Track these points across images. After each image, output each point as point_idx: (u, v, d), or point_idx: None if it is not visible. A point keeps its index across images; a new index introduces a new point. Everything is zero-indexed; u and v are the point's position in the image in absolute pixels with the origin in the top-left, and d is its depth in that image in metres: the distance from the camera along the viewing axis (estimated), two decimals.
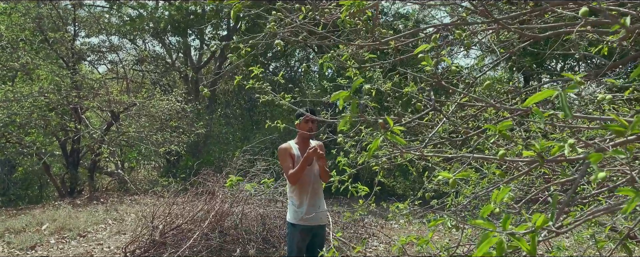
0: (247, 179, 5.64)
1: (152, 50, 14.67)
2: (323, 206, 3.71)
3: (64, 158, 11.26)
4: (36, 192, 13.39)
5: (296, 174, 3.51)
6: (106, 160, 12.59)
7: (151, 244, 5.11)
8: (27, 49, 10.33)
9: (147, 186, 11.24)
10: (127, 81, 11.09)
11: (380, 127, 1.03)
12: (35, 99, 9.42)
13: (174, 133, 10.61)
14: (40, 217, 7.47)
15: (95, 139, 10.15)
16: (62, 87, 9.65)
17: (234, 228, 5.20)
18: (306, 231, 3.58)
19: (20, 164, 11.79)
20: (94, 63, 12.67)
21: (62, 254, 5.64)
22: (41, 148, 10.18)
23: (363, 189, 3.47)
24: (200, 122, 11.33)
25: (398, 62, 2.67)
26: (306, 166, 3.50)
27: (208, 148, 12.74)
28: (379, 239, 6.32)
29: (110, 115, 10.54)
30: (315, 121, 3.70)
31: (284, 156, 3.60)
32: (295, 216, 3.59)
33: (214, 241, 4.93)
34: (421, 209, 3.87)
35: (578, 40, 3.15)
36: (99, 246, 6.01)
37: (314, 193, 3.62)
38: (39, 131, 10.77)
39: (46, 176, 11.65)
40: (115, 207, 8.57)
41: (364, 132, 3.37)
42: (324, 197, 3.86)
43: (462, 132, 3.08)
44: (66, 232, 6.61)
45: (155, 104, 9.89)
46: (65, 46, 10.25)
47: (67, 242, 6.24)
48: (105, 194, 10.61)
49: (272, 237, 5.41)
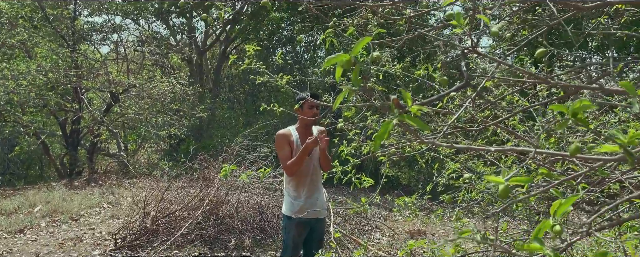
0: (244, 167, 5.37)
1: (156, 32, 14.39)
2: (322, 198, 3.40)
3: (64, 139, 11.06)
4: (38, 172, 13.25)
5: (293, 165, 3.20)
6: (106, 141, 12.42)
7: (142, 231, 4.87)
8: (26, 26, 10.07)
9: (147, 170, 11.02)
10: (127, 62, 10.80)
11: (393, 106, 0.75)
12: (34, 77, 9.17)
13: (175, 116, 10.36)
14: (33, 199, 7.26)
15: (95, 120, 9.93)
16: (60, 66, 9.39)
17: (229, 217, 4.94)
18: (303, 224, 3.27)
19: (19, 143, 11.62)
20: (96, 43, 12.38)
21: (50, 239, 5.42)
22: (38, 128, 9.97)
23: (367, 180, 3.17)
24: (202, 105, 11.06)
25: (407, 42, 2.37)
26: (305, 156, 3.19)
27: (210, 132, 12.50)
28: (382, 231, 6.06)
29: (109, 96, 10.28)
30: (319, 107, 3.38)
31: (282, 143, 3.29)
32: (291, 208, 3.28)
33: (208, 230, 4.68)
34: (430, 203, 3.59)
35: (595, 29, 2.84)
36: (90, 231, 5.78)
37: (312, 184, 3.31)
38: (37, 111, 10.55)
39: (46, 157, 11.49)
40: (112, 191, 8.35)
41: (370, 119, 3.07)
42: (325, 187, 3.57)
43: (479, 121, 2.78)
44: (58, 215, 6.40)
45: (156, 86, 9.62)
46: (65, 24, 9.97)
47: (58, 225, 6.02)
48: (104, 176, 10.40)
49: (270, 227, 5.15)
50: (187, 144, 11.43)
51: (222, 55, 13.89)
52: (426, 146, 2.97)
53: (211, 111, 12.46)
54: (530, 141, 2.83)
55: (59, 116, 10.67)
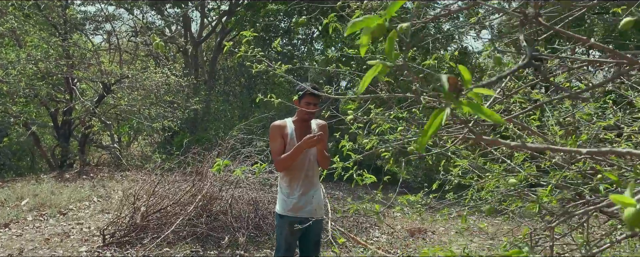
0: (239, 162, 5.16)
1: (150, 23, 14.11)
2: (319, 196, 3.16)
3: (55, 130, 10.82)
4: (29, 163, 12.98)
5: (284, 161, 2.96)
6: (99, 133, 12.17)
7: (132, 227, 4.66)
8: (17, 14, 9.79)
9: (139, 162, 10.79)
10: (120, 52, 10.54)
11: (449, 85, 0.56)
12: (24, 66, 8.91)
13: (168, 108, 10.12)
14: (21, 192, 7.03)
15: (87, 111, 9.69)
16: (51, 55, 9.12)
17: (223, 213, 4.74)
18: (297, 223, 3.04)
19: (9, 134, 11.36)
20: (88, 33, 12.09)
21: (36, 234, 5.21)
22: (29, 118, 9.72)
23: (369, 177, 2.96)
24: (196, 97, 10.83)
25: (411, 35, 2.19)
26: (299, 154, 2.95)
27: (205, 125, 12.27)
28: (381, 229, 5.88)
29: (101, 86, 10.03)
30: (317, 103, 3.13)
31: (275, 134, 3.05)
32: (284, 206, 3.06)
33: (200, 227, 4.48)
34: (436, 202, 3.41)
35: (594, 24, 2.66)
36: (78, 226, 5.57)
37: (307, 180, 3.07)
38: (27, 101, 10.28)
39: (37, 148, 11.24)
40: (103, 184, 8.13)
41: (374, 112, 2.87)
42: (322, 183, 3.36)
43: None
44: (46, 209, 6.18)
45: (149, 77, 9.37)
46: (57, 12, 9.70)
47: (45, 220, 5.80)
48: (96, 169, 10.17)
49: (265, 224, 4.96)
50: (181, 137, 11.20)
51: (218, 47, 13.64)
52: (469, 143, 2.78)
53: (206, 104, 12.22)
54: (544, 137, 2.65)
55: (50, 107, 10.42)
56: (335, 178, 2.70)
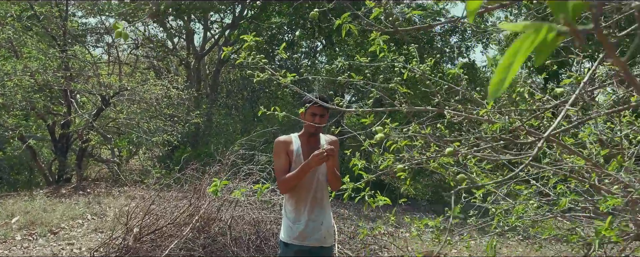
0: (239, 180, 4.85)
1: (152, 35, 13.95)
2: (328, 221, 2.81)
3: (53, 143, 10.54)
4: (27, 178, 12.69)
5: (289, 181, 2.63)
6: (98, 147, 11.89)
7: (124, 249, 4.34)
8: (16, 25, 9.59)
9: (138, 177, 10.49)
10: (120, 65, 10.32)
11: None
12: (20, 78, 8.67)
13: (168, 121, 9.85)
14: (12, 208, 6.73)
15: (85, 124, 9.41)
16: (48, 67, 8.89)
17: (221, 235, 4.42)
18: (303, 253, 2.70)
19: (3, 148, 11.08)
20: (87, 45, 11.89)
21: (23, 255, 4.89)
22: (26, 132, 9.45)
23: (383, 199, 2.65)
24: (197, 111, 10.56)
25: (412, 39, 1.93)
26: (306, 173, 2.62)
27: (206, 139, 11.99)
28: (390, 250, 5.53)
29: (100, 99, 9.78)
30: (325, 114, 2.82)
31: (279, 151, 2.72)
32: (290, 234, 2.71)
33: (197, 251, 4.16)
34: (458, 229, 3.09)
35: None
36: (69, 246, 5.25)
37: (315, 204, 2.73)
38: (24, 114, 10.04)
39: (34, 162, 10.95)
40: (98, 200, 7.82)
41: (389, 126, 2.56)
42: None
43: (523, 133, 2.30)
44: (36, 228, 5.86)
45: (149, 89, 9.12)
46: (55, 23, 9.49)
47: (35, 239, 5.49)
48: (94, 184, 9.86)
49: (267, 246, 4.63)
50: (182, 152, 10.90)
51: (221, 60, 13.43)
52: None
53: (208, 117, 11.96)
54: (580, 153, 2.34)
55: (48, 120, 10.16)
56: (345, 200, 2.38)
